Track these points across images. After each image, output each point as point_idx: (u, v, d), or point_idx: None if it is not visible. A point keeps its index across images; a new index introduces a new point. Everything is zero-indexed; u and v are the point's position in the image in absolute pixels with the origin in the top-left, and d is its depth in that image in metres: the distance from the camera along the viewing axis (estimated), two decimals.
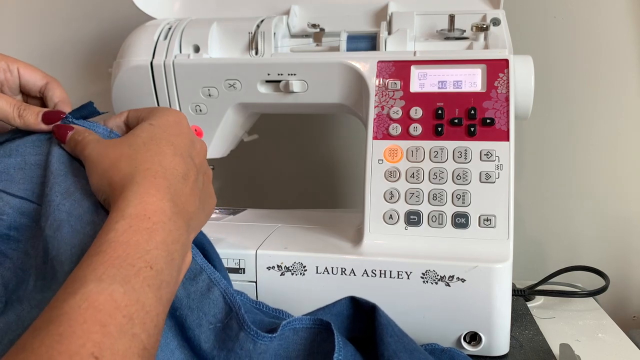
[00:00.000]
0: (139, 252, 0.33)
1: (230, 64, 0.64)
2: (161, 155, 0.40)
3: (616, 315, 0.68)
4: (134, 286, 0.31)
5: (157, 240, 0.34)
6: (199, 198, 0.42)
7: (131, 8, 0.69)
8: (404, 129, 0.59)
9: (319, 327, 0.44)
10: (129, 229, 0.34)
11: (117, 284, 0.30)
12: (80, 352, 0.27)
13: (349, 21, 0.67)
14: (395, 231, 0.57)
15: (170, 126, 0.43)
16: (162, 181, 0.38)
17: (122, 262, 0.32)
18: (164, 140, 0.41)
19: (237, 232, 0.66)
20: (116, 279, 0.31)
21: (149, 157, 0.39)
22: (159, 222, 0.35)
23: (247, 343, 0.42)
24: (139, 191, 0.36)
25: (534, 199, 0.88)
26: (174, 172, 0.39)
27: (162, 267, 0.34)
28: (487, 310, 0.53)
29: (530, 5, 0.84)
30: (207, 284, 0.44)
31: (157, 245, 0.34)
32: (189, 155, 0.42)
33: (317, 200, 0.96)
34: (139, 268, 0.32)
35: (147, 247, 0.34)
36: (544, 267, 0.87)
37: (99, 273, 0.31)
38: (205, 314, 0.43)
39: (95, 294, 0.30)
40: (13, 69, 0.49)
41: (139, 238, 0.34)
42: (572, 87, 0.85)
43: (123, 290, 0.30)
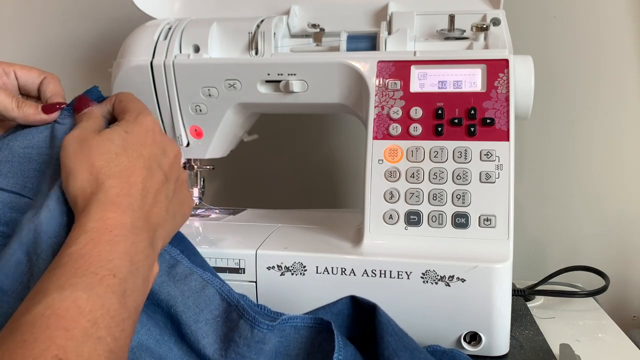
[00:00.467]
0: (102, 262, 0.33)
1: (230, 64, 0.64)
2: (130, 170, 0.40)
3: (616, 315, 0.68)
4: (97, 292, 0.31)
5: (119, 251, 0.35)
6: (167, 208, 0.42)
7: (131, 8, 0.69)
8: (404, 129, 0.59)
9: (319, 327, 0.44)
10: (91, 242, 0.34)
11: (81, 291, 0.31)
12: (44, 355, 0.27)
13: (349, 21, 0.67)
14: (395, 231, 0.57)
15: (143, 136, 0.43)
16: (124, 199, 0.38)
17: (85, 270, 0.32)
18: (135, 152, 0.41)
19: (237, 232, 0.66)
20: (79, 286, 0.31)
21: (117, 171, 0.39)
22: (120, 234, 0.36)
23: (246, 330, 0.42)
24: (100, 207, 0.36)
25: (534, 199, 0.88)
26: (138, 187, 0.40)
27: (125, 275, 0.34)
28: (487, 310, 0.53)
29: (530, 5, 0.84)
30: (200, 283, 0.44)
31: (120, 256, 0.35)
32: (158, 166, 0.42)
33: (317, 200, 0.96)
34: (102, 276, 0.33)
35: (109, 257, 0.34)
36: (544, 267, 0.87)
37: (61, 282, 0.31)
38: (201, 310, 0.43)
39: (58, 302, 0.30)
40: (9, 72, 0.49)
41: (100, 249, 0.34)
42: (572, 87, 0.85)
43: (86, 297, 0.31)
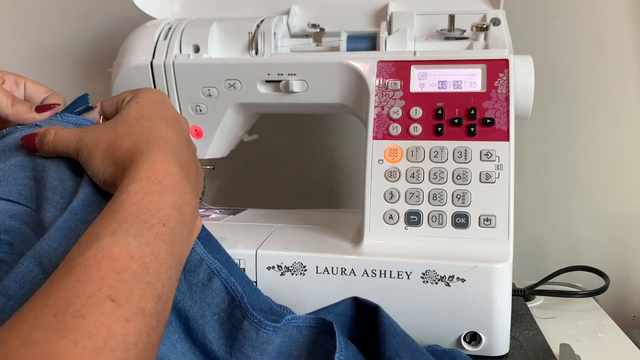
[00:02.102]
0: (151, 210, 0.34)
1: (230, 64, 0.64)
2: (156, 128, 0.41)
3: (616, 315, 0.68)
4: (147, 239, 0.32)
5: (168, 201, 0.36)
6: (195, 167, 0.44)
7: (131, 8, 0.69)
8: (404, 129, 0.59)
9: (321, 327, 0.44)
10: (141, 191, 0.35)
11: (131, 237, 0.32)
12: (96, 295, 0.28)
13: (349, 21, 0.67)
14: (395, 231, 0.57)
15: (156, 101, 0.45)
16: (164, 149, 0.39)
17: (135, 218, 0.33)
18: (154, 115, 0.43)
19: (237, 232, 0.66)
20: (130, 232, 0.32)
21: (145, 130, 0.41)
22: (169, 184, 0.37)
23: (250, 331, 0.42)
24: (146, 158, 0.38)
25: (534, 199, 0.88)
26: (172, 142, 0.41)
27: (174, 225, 0.35)
28: (487, 310, 0.53)
29: (530, 5, 0.84)
30: (208, 274, 0.44)
31: (169, 205, 0.35)
32: (179, 128, 0.44)
33: (317, 200, 0.96)
34: (151, 224, 0.34)
35: (159, 206, 0.35)
36: (544, 267, 0.87)
37: (112, 228, 0.32)
38: (208, 304, 0.43)
39: (109, 246, 0.31)
40: (20, 83, 0.51)
41: (150, 199, 0.35)
42: (572, 87, 0.85)
43: (137, 243, 0.32)
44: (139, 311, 0.29)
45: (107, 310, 0.28)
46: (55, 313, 0.27)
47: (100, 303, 0.28)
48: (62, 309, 0.27)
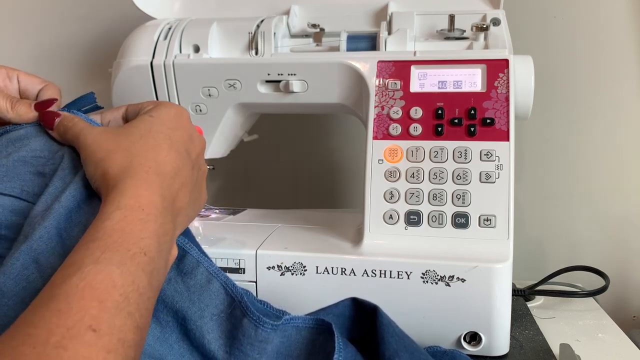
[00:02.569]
0: (134, 239, 0.34)
1: (230, 64, 0.64)
2: (157, 149, 0.41)
3: (616, 315, 0.68)
4: (129, 269, 0.32)
5: (150, 230, 0.36)
6: (190, 193, 0.42)
7: (131, 8, 0.69)
8: (404, 129, 0.59)
9: (321, 328, 0.44)
10: (124, 219, 0.35)
11: (114, 266, 0.32)
12: (78, 325, 0.28)
13: (349, 21, 0.67)
14: (395, 231, 0.57)
15: (170, 119, 0.44)
16: (154, 177, 0.39)
17: (119, 246, 0.33)
18: (161, 133, 0.42)
19: (237, 232, 0.66)
20: (113, 261, 0.32)
21: (144, 151, 0.40)
22: (151, 214, 0.36)
23: (250, 329, 0.42)
24: (132, 184, 0.37)
25: (534, 199, 0.88)
26: (166, 168, 0.40)
27: (154, 255, 0.35)
28: (487, 310, 0.53)
29: (530, 5, 0.84)
30: (206, 276, 0.44)
31: (150, 235, 0.35)
32: (185, 150, 0.43)
33: (317, 200, 0.96)
34: (134, 253, 0.33)
35: (142, 235, 0.35)
36: (544, 267, 0.87)
37: (96, 256, 0.32)
38: (207, 305, 0.43)
39: (93, 274, 0.31)
40: (13, 76, 0.50)
41: (133, 227, 0.35)
42: (572, 87, 0.85)
43: (119, 272, 0.32)
44: (119, 342, 0.29)
45: (88, 341, 0.28)
46: (35, 344, 0.27)
47: (81, 334, 0.28)
48: (43, 339, 0.27)
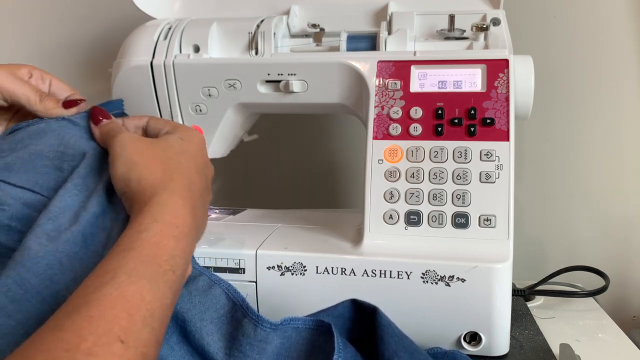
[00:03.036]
0: (166, 256, 0.35)
1: (230, 64, 0.64)
2: (189, 170, 0.43)
3: (616, 315, 0.68)
4: (159, 285, 0.34)
5: (180, 248, 0.37)
6: (205, 215, 0.45)
7: (131, 8, 0.69)
8: (404, 129, 0.59)
9: (320, 328, 0.44)
10: (160, 233, 0.36)
11: (146, 280, 0.33)
12: (108, 335, 0.29)
13: (349, 21, 0.67)
14: (395, 231, 0.57)
15: (196, 144, 0.47)
16: (188, 194, 0.41)
17: (152, 260, 0.34)
18: (191, 157, 0.45)
19: (237, 232, 0.66)
20: (145, 275, 0.33)
21: (180, 170, 0.42)
22: (183, 232, 0.38)
23: (249, 329, 0.43)
24: (171, 199, 0.39)
25: (534, 199, 0.88)
26: (196, 189, 0.43)
27: (180, 273, 0.36)
28: (487, 310, 0.53)
29: (530, 5, 0.84)
30: (208, 283, 0.45)
31: (180, 254, 0.37)
32: (205, 175, 0.46)
33: (317, 200, 0.96)
34: (164, 270, 0.35)
35: (174, 252, 0.36)
36: (544, 267, 0.87)
37: (130, 267, 0.33)
38: (207, 308, 0.44)
39: (125, 285, 0.32)
40: (46, 79, 0.53)
41: (167, 243, 0.36)
42: (572, 87, 0.85)
43: (149, 287, 0.33)
44: (142, 356, 0.30)
45: (116, 352, 0.29)
46: (67, 348, 0.28)
47: (110, 343, 0.29)
48: (74, 344, 0.28)
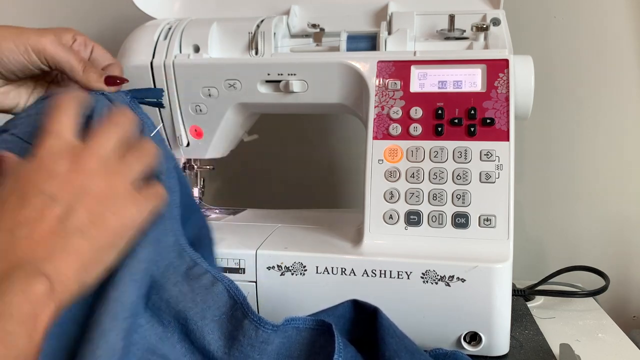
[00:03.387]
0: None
1: (230, 64, 0.64)
2: (2, 214, 0.37)
3: (616, 315, 0.68)
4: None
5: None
6: (71, 229, 0.38)
7: (131, 8, 0.69)
8: (404, 129, 0.59)
9: (321, 329, 0.44)
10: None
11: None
12: None
13: (349, 21, 0.67)
14: (395, 231, 0.57)
15: (27, 171, 0.40)
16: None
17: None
18: (12, 194, 0.38)
19: (237, 232, 0.66)
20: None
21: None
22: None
23: (250, 330, 0.42)
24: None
25: (534, 199, 0.88)
26: (4, 231, 0.36)
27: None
28: (487, 310, 0.53)
29: (530, 5, 0.84)
30: (211, 280, 0.45)
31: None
32: (39, 193, 0.38)
33: (317, 200, 0.96)
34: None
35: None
36: (544, 267, 0.87)
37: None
38: (209, 306, 0.43)
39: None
40: (89, 46, 0.53)
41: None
42: (572, 87, 0.85)
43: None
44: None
45: None
46: None
47: None
48: None
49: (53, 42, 0.48)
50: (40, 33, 0.48)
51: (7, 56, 0.47)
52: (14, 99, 0.51)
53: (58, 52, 0.48)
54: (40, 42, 0.48)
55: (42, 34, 0.48)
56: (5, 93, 0.51)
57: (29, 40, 0.47)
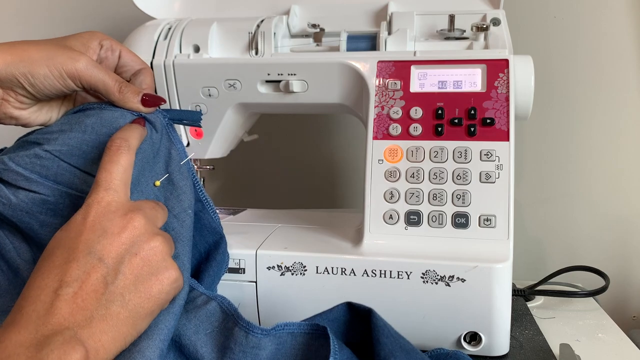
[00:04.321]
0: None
1: (230, 64, 0.64)
2: (49, 269, 0.38)
3: (616, 315, 0.68)
4: None
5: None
6: (114, 294, 0.38)
7: (131, 8, 0.69)
8: (404, 129, 0.59)
9: (316, 332, 0.44)
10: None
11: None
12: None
13: (349, 21, 0.67)
14: (395, 231, 0.57)
15: (78, 225, 0.40)
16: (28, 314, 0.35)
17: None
18: (60, 248, 0.39)
19: (237, 232, 0.66)
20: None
21: (37, 275, 0.37)
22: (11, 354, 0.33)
23: (240, 336, 0.43)
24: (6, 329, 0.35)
25: (534, 199, 0.88)
26: (49, 289, 0.36)
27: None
28: (487, 310, 0.53)
29: (530, 5, 0.84)
30: (205, 299, 0.46)
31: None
32: (88, 253, 0.38)
33: (317, 200, 0.96)
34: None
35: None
36: (544, 267, 0.87)
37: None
38: (202, 322, 0.44)
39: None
40: (116, 50, 0.52)
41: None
42: (572, 87, 0.85)
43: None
44: None
45: None
46: None
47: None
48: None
49: (87, 65, 0.47)
50: (73, 56, 0.46)
51: (42, 82, 0.46)
52: (47, 114, 0.50)
53: (93, 76, 0.47)
54: (75, 67, 0.46)
55: (75, 58, 0.46)
56: (38, 110, 0.50)
57: (63, 66, 0.46)
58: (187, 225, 0.48)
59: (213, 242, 0.55)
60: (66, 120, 0.48)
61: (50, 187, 0.45)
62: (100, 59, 0.51)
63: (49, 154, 0.45)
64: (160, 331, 0.40)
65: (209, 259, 0.54)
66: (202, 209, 0.53)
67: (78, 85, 0.47)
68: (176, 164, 0.49)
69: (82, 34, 0.50)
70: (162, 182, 0.47)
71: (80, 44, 0.49)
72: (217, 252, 0.54)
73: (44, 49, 0.46)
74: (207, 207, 0.53)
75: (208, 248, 0.55)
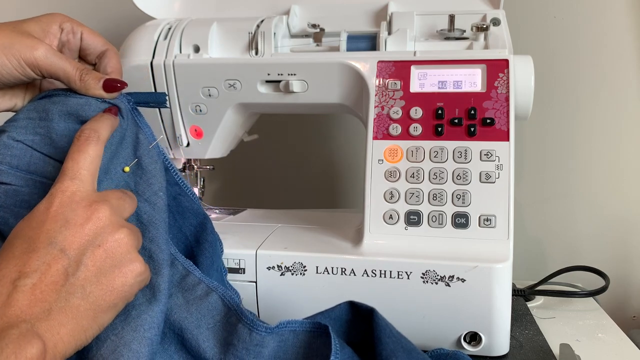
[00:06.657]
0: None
1: (230, 64, 0.64)
2: (7, 259, 0.36)
3: (616, 315, 0.68)
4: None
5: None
6: (74, 286, 0.37)
7: (131, 8, 0.69)
8: (404, 129, 0.59)
9: (318, 331, 0.44)
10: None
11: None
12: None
13: (349, 21, 0.67)
14: (395, 231, 0.57)
15: (41, 214, 0.39)
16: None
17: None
18: (21, 238, 0.38)
19: (237, 232, 0.66)
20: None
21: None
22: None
23: (244, 333, 0.42)
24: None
25: (534, 199, 0.88)
26: (6, 280, 0.35)
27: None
28: (487, 310, 0.53)
29: (530, 5, 0.84)
30: (205, 290, 0.45)
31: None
32: (49, 244, 0.37)
33: (317, 200, 0.96)
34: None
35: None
36: (544, 267, 0.87)
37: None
38: (203, 315, 0.44)
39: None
40: (77, 32, 0.50)
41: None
42: (572, 87, 0.85)
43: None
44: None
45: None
46: None
47: None
48: None
49: (46, 53, 0.46)
50: (31, 45, 0.45)
51: (0, 71, 0.45)
52: (11, 101, 0.50)
53: (53, 64, 0.46)
54: (33, 55, 0.45)
55: (33, 47, 0.45)
56: (1, 97, 0.49)
57: (21, 55, 0.45)
58: (159, 208, 0.46)
59: (197, 223, 0.54)
60: (32, 107, 0.47)
61: (23, 178, 0.43)
62: (62, 43, 0.50)
63: (20, 143, 0.44)
64: (143, 322, 0.39)
65: (200, 241, 0.53)
66: (180, 192, 0.52)
67: (38, 74, 0.46)
68: (145, 148, 0.48)
69: (41, 17, 0.49)
70: (131, 167, 0.46)
71: (39, 29, 0.48)
72: (206, 233, 0.54)
73: (1, 37, 0.45)
74: (185, 189, 0.52)
75: (195, 231, 0.54)
